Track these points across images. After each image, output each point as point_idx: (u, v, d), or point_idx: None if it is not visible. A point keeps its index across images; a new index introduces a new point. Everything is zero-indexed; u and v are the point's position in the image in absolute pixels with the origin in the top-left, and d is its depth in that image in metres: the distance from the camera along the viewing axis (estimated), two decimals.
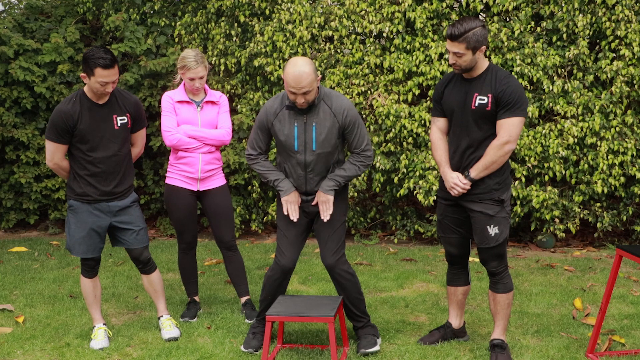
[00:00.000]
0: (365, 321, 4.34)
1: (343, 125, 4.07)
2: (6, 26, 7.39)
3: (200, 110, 4.73)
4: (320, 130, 4.04)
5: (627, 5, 6.33)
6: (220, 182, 4.84)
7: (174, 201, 4.78)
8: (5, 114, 7.22)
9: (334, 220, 4.21)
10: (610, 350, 4.24)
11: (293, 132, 4.06)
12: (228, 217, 4.83)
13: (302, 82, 3.88)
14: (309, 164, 4.10)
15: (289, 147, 4.10)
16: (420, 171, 6.49)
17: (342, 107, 4.05)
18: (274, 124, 4.11)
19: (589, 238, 7.03)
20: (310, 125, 4.05)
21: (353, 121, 4.08)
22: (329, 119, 4.04)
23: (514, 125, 3.89)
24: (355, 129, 4.10)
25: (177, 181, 4.76)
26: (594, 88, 6.55)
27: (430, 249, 6.80)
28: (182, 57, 4.67)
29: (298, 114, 4.06)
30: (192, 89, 4.71)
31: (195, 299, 4.99)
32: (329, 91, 4.12)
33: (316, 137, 4.05)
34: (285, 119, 4.08)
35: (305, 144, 4.07)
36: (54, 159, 4.29)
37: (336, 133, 4.07)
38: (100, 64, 4.06)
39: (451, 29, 3.85)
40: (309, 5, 6.93)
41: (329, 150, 4.09)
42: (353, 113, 4.09)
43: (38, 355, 4.27)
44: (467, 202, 4.04)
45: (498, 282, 4.10)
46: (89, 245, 4.34)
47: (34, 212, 7.62)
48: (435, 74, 6.49)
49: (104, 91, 4.16)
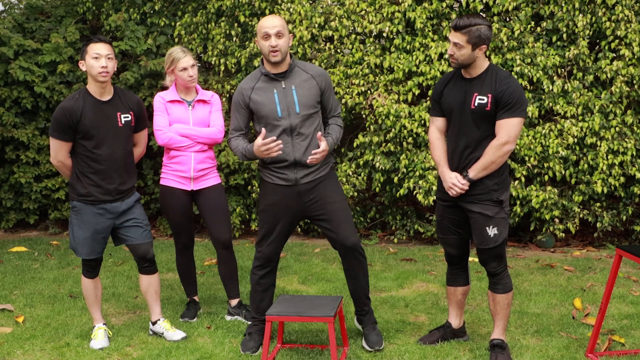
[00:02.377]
0: (370, 306, 4.40)
1: (322, 89, 4.18)
2: (6, 26, 7.39)
3: (192, 109, 4.74)
4: (301, 92, 4.11)
5: (627, 5, 6.33)
6: (214, 182, 4.82)
7: (169, 202, 4.78)
8: (5, 114, 7.23)
9: (339, 202, 4.22)
10: (610, 350, 4.24)
11: (273, 98, 4.10)
12: (223, 216, 4.80)
13: (275, 21, 4.05)
14: (294, 127, 4.10)
15: (272, 115, 4.09)
16: (420, 171, 6.50)
17: (320, 72, 4.19)
18: (252, 98, 4.15)
19: (588, 238, 7.04)
20: (289, 90, 4.11)
21: (330, 85, 4.22)
22: (309, 82, 4.14)
23: (513, 125, 3.89)
24: (331, 93, 4.25)
25: (171, 181, 4.75)
26: (594, 88, 6.55)
27: (430, 249, 6.81)
28: (168, 55, 4.70)
29: (275, 81, 4.12)
30: (187, 82, 4.68)
31: (194, 299, 4.99)
32: (301, 61, 4.25)
33: (298, 99, 4.10)
34: (264, 89, 4.13)
35: (288, 108, 4.10)
36: (58, 157, 4.29)
37: (316, 96, 4.15)
38: (93, 40, 4.21)
39: (457, 19, 3.89)
40: (309, 5, 6.93)
41: (312, 112, 4.14)
42: (329, 77, 4.24)
43: (38, 355, 4.27)
44: (466, 203, 4.04)
45: (497, 283, 4.10)
46: (93, 247, 4.33)
47: (34, 212, 7.62)
48: (435, 74, 6.49)
49: (99, 68, 4.14)
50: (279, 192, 4.19)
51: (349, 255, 4.24)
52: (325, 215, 4.20)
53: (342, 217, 4.20)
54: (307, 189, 4.17)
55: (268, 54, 4.06)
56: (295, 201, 4.18)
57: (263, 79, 4.16)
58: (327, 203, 4.18)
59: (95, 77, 4.19)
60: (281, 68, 4.12)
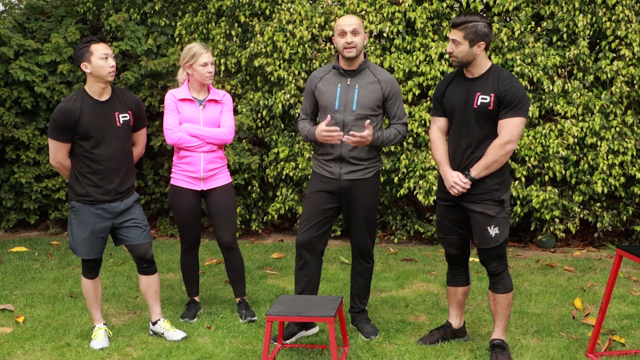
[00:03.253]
0: (365, 306, 4.65)
1: (386, 95, 4.31)
2: (6, 26, 7.39)
3: (203, 108, 4.72)
4: (363, 92, 4.27)
5: (627, 5, 6.33)
6: (224, 181, 4.80)
7: (177, 202, 4.77)
8: (5, 114, 7.22)
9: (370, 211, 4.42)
10: (610, 350, 4.24)
11: (336, 91, 4.30)
12: (229, 218, 4.80)
13: (352, 20, 4.24)
14: (347, 123, 4.26)
15: (330, 106, 4.29)
16: (421, 171, 6.50)
17: (388, 78, 4.34)
18: (318, 86, 4.36)
19: (589, 238, 7.04)
20: (353, 87, 4.28)
21: (396, 93, 4.35)
22: (374, 85, 4.29)
23: (515, 125, 3.90)
24: (397, 101, 4.37)
25: (181, 182, 4.75)
26: (594, 88, 6.55)
27: (430, 249, 6.80)
28: (188, 49, 4.66)
29: (343, 76, 4.31)
30: (205, 78, 4.65)
31: (195, 299, 4.99)
32: (374, 64, 4.42)
33: (357, 97, 4.26)
34: (330, 81, 4.34)
35: (346, 104, 4.27)
36: (57, 158, 4.29)
37: (377, 100, 4.29)
38: (94, 40, 4.20)
39: (455, 17, 3.95)
40: (309, 6, 6.93)
41: (368, 113, 4.27)
42: (397, 86, 4.37)
43: (38, 355, 4.27)
44: (467, 203, 4.04)
45: (498, 282, 4.10)
46: (92, 247, 4.33)
47: (34, 212, 7.62)
48: (436, 74, 6.50)
49: (109, 68, 4.17)
50: (322, 183, 4.39)
51: (358, 256, 4.54)
52: (353, 217, 4.42)
53: (364, 224, 4.42)
54: (349, 186, 4.34)
55: (343, 49, 4.24)
56: (336, 195, 4.38)
57: (333, 72, 4.36)
58: (359, 208, 4.38)
59: (105, 77, 4.20)
60: (352, 66, 4.31)
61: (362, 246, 4.48)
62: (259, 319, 4.78)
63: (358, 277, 4.58)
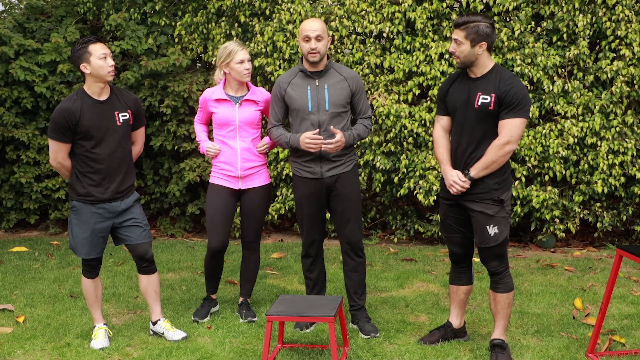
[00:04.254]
0: (364, 302, 4.67)
1: (353, 91, 4.46)
2: (6, 26, 7.39)
3: (239, 106, 4.70)
4: (332, 91, 4.41)
5: (627, 5, 6.33)
6: (262, 182, 4.78)
7: (210, 199, 4.74)
8: (5, 114, 7.22)
9: (355, 202, 4.53)
10: (610, 350, 4.24)
11: (306, 94, 4.42)
12: (258, 219, 4.80)
13: (315, 25, 4.37)
14: (322, 123, 4.39)
15: (302, 109, 4.42)
16: (421, 171, 6.50)
17: (353, 75, 4.50)
18: (287, 91, 4.46)
19: (589, 238, 7.04)
20: (322, 88, 4.42)
21: (361, 88, 4.52)
22: (341, 83, 4.44)
23: (516, 125, 3.90)
24: (363, 96, 4.54)
25: (218, 179, 4.74)
26: (594, 88, 6.55)
27: (430, 249, 6.80)
28: (223, 48, 4.67)
29: (310, 78, 4.43)
30: (243, 75, 4.64)
31: (211, 297, 4.97)
32: (337, 64, 4.58)
33: (329, 97, 4.40)
34: (299, 84, 4.45)
35: (319, 104, 4.40)
36: (57, 158, 4.29)
37: (346, 96, 4.44)
38: (91, 41, 4.22)
39: (458, 17, 3.99)
40: (309, 6, 6.93)
41: (340, 111, 4.43)
42: (361, 82, 4.55)
43: (38, 355, 4.27)
44: (467, 202, 4.05)
45: (498, 282, 4.10)
46: (92, 247, 4.33)
47: (35, 212, 7.62)
48: (436, 74, 6.50)
49: (108, 67, 4.18)
50: (306, 185, 4.52)
51: (350, 252, 4.59)
52: (339, 210, 4.53)
53: (350, 215, 4.52)
54: (332, 182, 4.47)
55: (307, 54, 4.38)
56: (322, 193, 4.50)
57: (300, 75, 4.48)
58: (343, 200, 4.50)
59: (105, 76, 4.21)
60: (318, 67, 4.44)
61: (352, 240, 4.55)
62: (259, 319, 4.78)
63: (352, 274, 4.61)
